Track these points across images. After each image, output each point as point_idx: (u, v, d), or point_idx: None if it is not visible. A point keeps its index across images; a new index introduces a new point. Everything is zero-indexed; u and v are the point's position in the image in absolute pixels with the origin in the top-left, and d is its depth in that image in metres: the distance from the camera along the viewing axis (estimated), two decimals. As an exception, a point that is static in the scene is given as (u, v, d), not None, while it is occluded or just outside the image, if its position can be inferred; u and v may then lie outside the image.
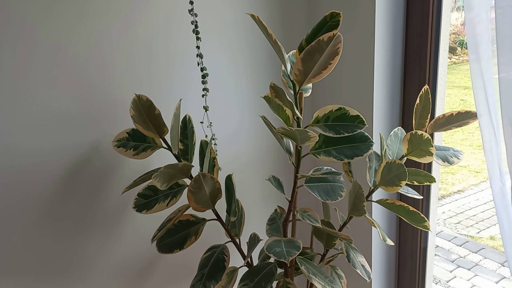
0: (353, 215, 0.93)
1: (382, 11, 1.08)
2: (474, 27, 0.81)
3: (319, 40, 0.69)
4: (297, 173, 0.89)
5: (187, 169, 0.86)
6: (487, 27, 0.80)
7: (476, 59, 0.82)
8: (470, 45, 0.82)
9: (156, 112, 0.89)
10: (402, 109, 1.20)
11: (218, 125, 1.15)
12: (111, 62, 0.99)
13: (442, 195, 3.26)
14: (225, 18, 1.13)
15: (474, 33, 0.81)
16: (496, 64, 0.77)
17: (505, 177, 0.82)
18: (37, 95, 0.92)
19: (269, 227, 1.03)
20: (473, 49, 0.82)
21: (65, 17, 0.92)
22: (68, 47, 0.93)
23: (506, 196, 0.82)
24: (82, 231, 1.05)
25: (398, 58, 1.15)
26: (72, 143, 0.99)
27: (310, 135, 0.77)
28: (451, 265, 2.45)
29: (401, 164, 0.86)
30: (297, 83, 0.78)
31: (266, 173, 1.32)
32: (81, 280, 1.08)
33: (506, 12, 0.73)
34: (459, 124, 0.92)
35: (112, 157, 1.04)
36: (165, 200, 0.94)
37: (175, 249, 0.94)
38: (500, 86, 0.76)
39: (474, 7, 0.81)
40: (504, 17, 0.73)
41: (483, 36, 0.81)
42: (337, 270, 1.03)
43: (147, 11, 1.01)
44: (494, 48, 0.79)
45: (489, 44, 0.81)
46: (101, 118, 1.01)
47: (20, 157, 0.93)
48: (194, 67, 1.10)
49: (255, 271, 0.91)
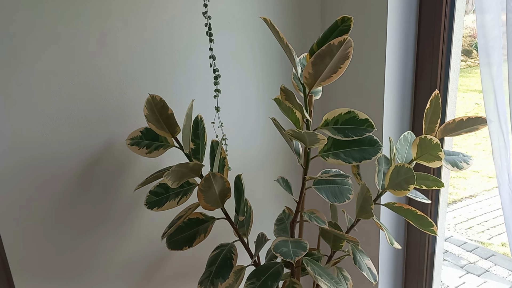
0: (360, 218, 0.94)
1: (394, 15, 1.08)
2: (485, 31, 0.81)
3: (330, 44, 0.70)
4: (305, 174, 0.90)
5: (198, 168, 0.88)
6: (499, 31, 0.80)
7: (487, 63, 0.82)
8: (481, 48, 0.82)
9: (169, 112, 0.91)
10: (412, 113, 1.20)
11: (229, 126, 1.17)
12: (125, 62, 1.02)
13: (454, 200, 3.22)
14: (237, 20, 1.14)
15: (485, 37, 0.81)
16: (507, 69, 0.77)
17: (514, 183, 0.82)
18: (51, 93, 0.95)
19: (276, 227, 1.05)
20: (484, 53, 0.82)
21: (81, 15, 0.94)
22: (82, 46, 0.96)
23: (514, 203, 0.82)
24: (94, 227, 1.08)
25: (410, 62, 1.15)
26: (85, 141, 1.01)
27: (319, 137, 0.78)
28: (461, 270, 2.42)
29: (410, 168, 0.87)
30: (307, 86, 0.79)
31: (275, 174, 1.33)
32: (92, 274, 1.10)
33: None
34: (469, 130, 0.92)
35: (124, 156, 1.07)
36: (176, 198, 0.96)
37: (184, 246, 0.96)
38: (510, 91, 0.75)
39: (486, 10, 0.80)
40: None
41: (495, 40, 0.80)
42: (343, 271, 1.04)
43: (161, 12, 1.03)
44: (505, 52, 0.79)
45: (501, 48, 0.80)
46: (114, 116, 1.03)
47: (33, 154, 0.96)
48: (206, 68, 1.12)
49: (262, 270, 0.92)
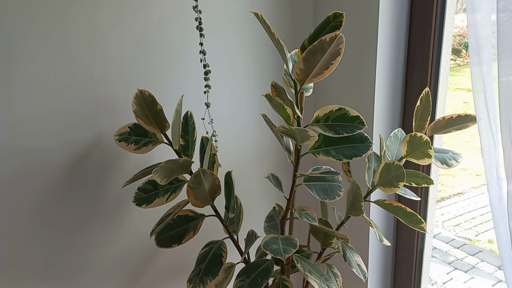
0: (350, 215, 0.94)
1: (386, 12, 1.08)
2: (476, 30, 0.81)
3: (322, 40, 0.70)
4: (296, 171, 0.89)
5: (187, 164, 0.87)
6: (490, 31, 0.80)
7: (477, 62, 0.82)
8: (472, 47, 0.82)
9: (158, 107, 0.90)
10: (403, 110, 1.21)
11: (219, 122, 1.16)
12: (114, 56, 1.00)
13: (442, 197, 3.26)
14: (229, 15, 1.13)
15: (476, 36, 0.81)
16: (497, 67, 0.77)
17: (502, 181, 0.83)
18: (39, 87, 0.93)
19: (267, 224, 1.04)
20: (474, 52, 0.82)
21: (70, 9, 0.92)
22: (71, 41, 0.94)
23: (502, 201, 0.83)
24: (82, 223, 1.06)
25: (401, 59, 1.16)
26: (73, 136, 0.99)
27: (310, 134, 0.78)
28: (448, 267, 2.46)
29: (400, 165, 0.87)
30: (299, 82, 0.78)
31: (266, 171, 1.33)
32: (80, 271, 1.09)
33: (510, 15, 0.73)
34: (459, 127, 0.92)
35: (113, 151, 1.05)
36: (165, 195, 0.95)
37: (174, 243, 0.95)
38: (500, 90, 0.76)
39: (477, 9, 0.81)
40: (507, 20, 0.73)
41: (486, 40, 0.81)
42: (333, 268, 1.04)
43: (151, 5, 1.02)
44: (495, 52, 0.79)
45: (491, 47, 0.81)
46: (103, 111, 1.02)
47: (21, 149, 0.94)
48: (197, 63, 1.10)
49: (252, 268, 0.92)
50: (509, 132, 0.74)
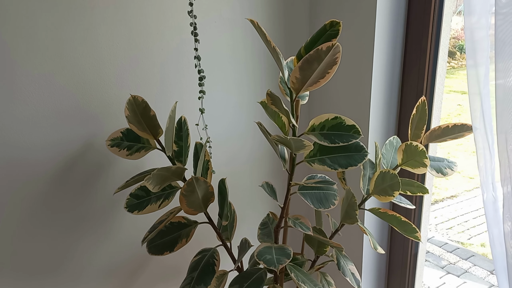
0: (345, 223, 0.93)
1: (383, 19, 1.07)
2: (473, 33, 0.80)
3: (318, 49, 0.69)
4: (290, 180, 0.88)
5: (180, 171, 0.85)
6: (487, 33, 0.79)
7: (473, 65, 0.81)
8: (468, 50, 0.81)
9: (151, 113, 0.88)
10: (398, 117, 1.20)
11: (214, 128, 1.15)
12: (108, 60, 0.98)
13: (435, 200, 3.27)
14: (224, 21, 1.12)
15: (473, 39, 0.81)
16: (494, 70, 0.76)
17: (497, 191, 0.82)
18: (33, 90, 0.91)
19: (261, 231, 1.03)
20: (471, 54, 0.81)
21: (64, 11, 0.90)
22: (65, 43, 0.92)
23: (498, 212, 0.83)
24: (72, 228, 1.04)
25: (397, 67, 1.15)
26: (65, 140, 0.98)
27: (305, 144, 0.77)
28: (441, 271, 2.46)
29: (395, 174, 0.86)
30: (294, 90, 0.77)
31: (260, 178, 1.32)
32: (70, 278, 1.07)
33: (506, 18, 0.72)
34: (455, 136, 0.92)
35: (105, 156, 1.04)
36: (157, 201, 0.94)
37: (166, 251, 0.93)
38: (497, 92, 0.75)
39: (474, 12, 0.80)
40: (504, 23, 0.72)
41: (482, 42, 0.80)
42: (327, 277, 1.04)
43: (146, 9, 1.00)
44: (492, 55, 0.78)
45: (488, 50, 0.80)
46: (94, 116, 1.00)
47: (12, 151, 0.92)
48: (191, 69, 1.09)
49: (245, 276, 0.91)
50: (505, 145, 0.73)
